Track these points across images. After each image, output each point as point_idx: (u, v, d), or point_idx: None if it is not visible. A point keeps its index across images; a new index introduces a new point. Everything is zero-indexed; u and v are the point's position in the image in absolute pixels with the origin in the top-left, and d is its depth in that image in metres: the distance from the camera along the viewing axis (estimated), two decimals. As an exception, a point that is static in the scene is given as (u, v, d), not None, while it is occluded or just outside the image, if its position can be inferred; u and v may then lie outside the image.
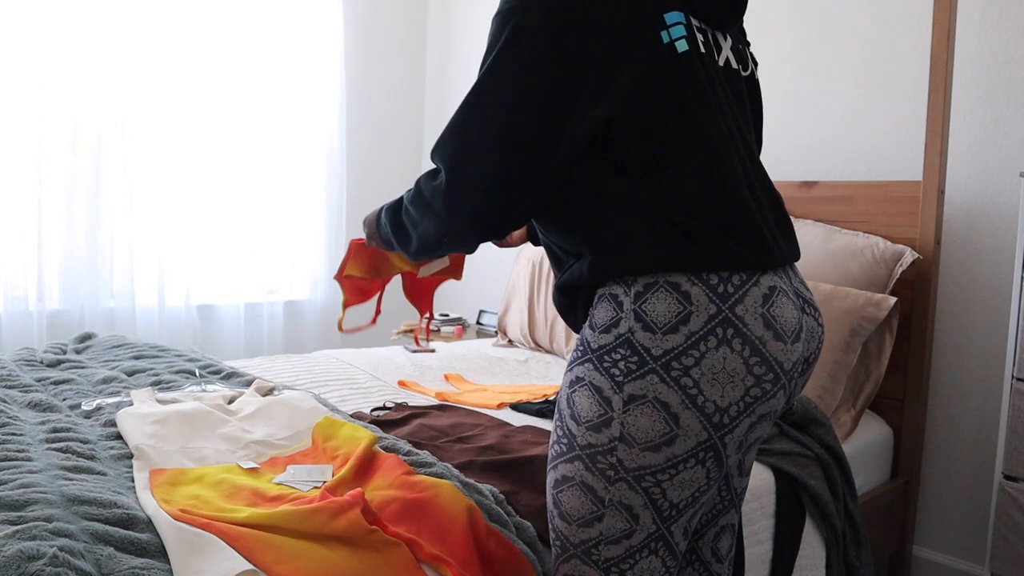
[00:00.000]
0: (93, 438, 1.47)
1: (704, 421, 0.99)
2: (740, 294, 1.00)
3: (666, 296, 0.99)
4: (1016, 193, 2.13)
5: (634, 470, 1.02)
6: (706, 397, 0.99)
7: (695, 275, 0.99)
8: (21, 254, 2.82)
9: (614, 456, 1.02)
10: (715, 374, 0.98)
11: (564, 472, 1.08)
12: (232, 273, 3.33)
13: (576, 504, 1.06)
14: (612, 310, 1.03)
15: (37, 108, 2.77)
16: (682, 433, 1.00)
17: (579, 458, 1.05)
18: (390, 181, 3.92)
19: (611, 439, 1.02)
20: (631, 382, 1.00)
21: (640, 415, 1.00)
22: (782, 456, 1.75)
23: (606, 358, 1.02)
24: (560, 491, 1.09)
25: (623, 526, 1.05)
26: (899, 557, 2.28)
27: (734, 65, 1.13)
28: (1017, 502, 1.88)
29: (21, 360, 2.08)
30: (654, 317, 0.99)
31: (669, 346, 0.98)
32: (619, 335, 1.01)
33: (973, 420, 2.25)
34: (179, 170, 3.11)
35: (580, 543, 1.07)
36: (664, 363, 0.99)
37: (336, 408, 1.71)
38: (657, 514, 1.05)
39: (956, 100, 2.22)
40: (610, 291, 1.04)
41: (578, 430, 1.05)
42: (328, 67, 3.50)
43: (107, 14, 2.89)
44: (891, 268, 2.17)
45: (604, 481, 1.04)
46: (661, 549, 1.07)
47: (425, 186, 1.08)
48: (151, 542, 1.07)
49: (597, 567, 1.07)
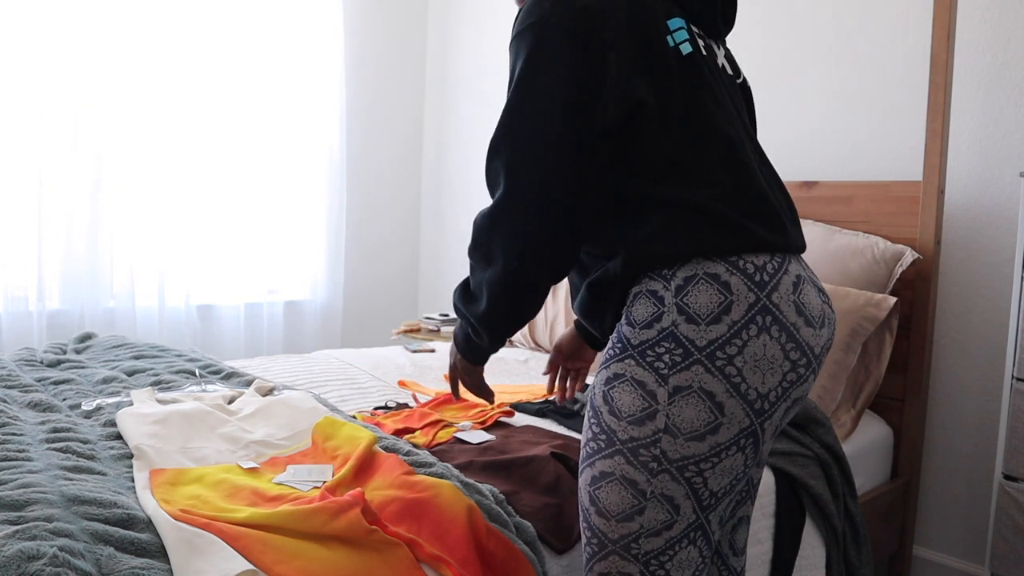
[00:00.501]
0: (93, 438, 1.47)
1: (747, 408, 1.03)
2: (775, 282, 1.03)
3: (707, 287, 1.02)
4: (1016, 193, 2.13)
5: (677, 460, 1.04)
6: (749, 384, 1.02)
7: (732, 265, 1.03)
8: (21, 254, 2.82)
9: (657, 448, 1.04)
10: (756, 361, 1.02)
11: (603, 468, 1.09)
12: (232, 273, 3.33)
13: (616, 499, 1.08)
14: (653, 305, 1.05)
15: (37, 108, 2.77)
16: (726, 421, 1.03)
17: (620, 452, 1.07)
18: (390, 181, 3.92)
19: (655, 431, 1.04)
20: (676, 374, 1.02)
21: (685, 406, 1.02)
22: (782, 456, 1.75)
23: (649, 353, 1.04)
24: (598, 487, 1.09)
25: (664, 517, 1.07)
26: (899, 557, 2.28)
27: (729, 71, 1.20)
28: (1017, 502, 1.88)
29: (21, 360, 2.08)
30: (697, 309, 1.02)
31: (713, 336, 1.01)
32: (662, 329, 1.04)
33: (973, 420, 2.25)
34: (179, 170, 3.12)
35: (620, 538, 1.08)
36: (708, 353, 1.01)
37: (336, 408, 1.71)
38: (698, 503, 1.07)
39: (956, 100, 2.22)
40: (647, 288, 1.06)
41: (619, 425, 1.07)
42: (328, 67, 3.50)
43: (107, 14, 2.89)
44: (891, 268, 2.17)
45: (646, 473, 1.05)
46: (699, 539, 1.09)
47: (480, 222, 1.10)
48: (151, 542, 1.07)
49: (637, 561, 1.08)
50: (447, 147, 3.90)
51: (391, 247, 3.96)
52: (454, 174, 3.87)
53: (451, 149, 3.88)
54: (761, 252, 1.04)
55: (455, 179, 3.87)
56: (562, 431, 1.76)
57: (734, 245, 1.03)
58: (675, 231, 1.04)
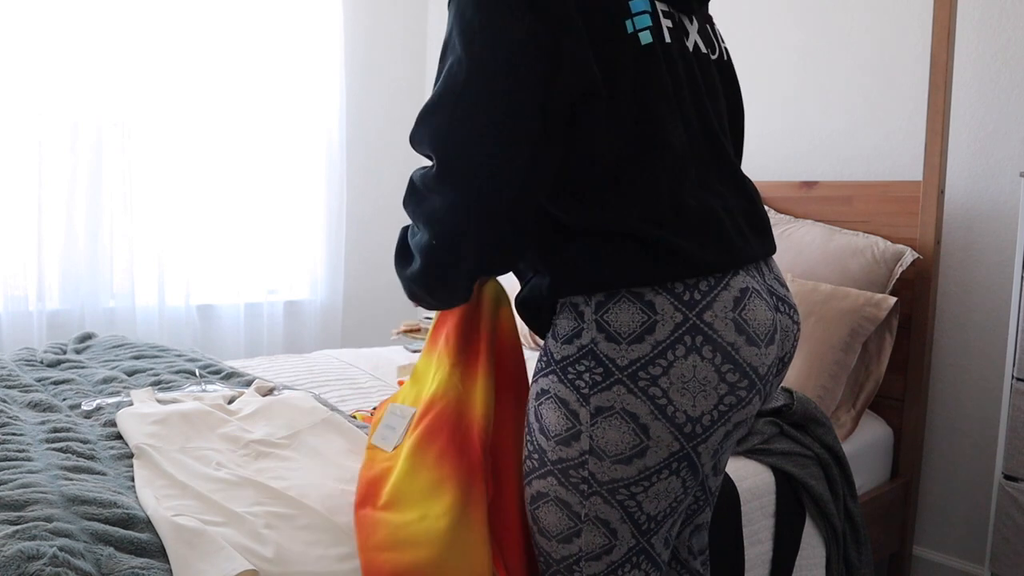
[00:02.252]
0: (93, 438, 1.47)
1: (675, 431, 0.96)
2: (708, 300, 0.95)
3: (629, 306, 0.95)
4: (1016, 193, 2.13)
5: (607, 483, 0.99)
6: (676, 407, 0.95)
7: (659, 284, 0.95)
8: (21, 254, 2.82)
9: (585, 470, 0.99)
10: (685, 383, 0.94)
11: (538, 488, 1.04)
12: (232, 273, 3.33)
13: (553, 520, 1.03)
14: (573, 320, 0.99)
15: (37, 108, 2.77)
16: (653, 444, 0.96)
17: (551, 473, 1.02)
18: (390, 181, 3.92)
19: (581, 452, 0.98)
20: (597, 394, 0.96)
21: (608, 427, 0.96)
22: (782, 456, 1.75)
23: (570, 370, 0.98)
24: (536, 507, 1.05)
25: (602, 541, 1.02)
26: (899, 557, 2.28)
27: (703, 49, 1.07)
28: (1017, 502, 1.88)
29: (21, 360, 2.08)
30: (618, 327, 0.95)
31: (635, 356, 0.94)
32: (582, 346, 0.97)
33: (973, 420, 2.25)
34: (179, 170, 3.11)
35: (562, 559, 1.05)
36: (630, 373, 0.95)
37: (336, 408, 1.71)
38: (635, 528, 1.01)
39: (956, 100, 2.22)
40: (571, 299, 1.00)
41: (548, 444, 1.01)
42: (328, 67, 3.50)
43: (107, 14, 2.89)
44: (891, 268, 2.17)
45: (578, 495, 1.00)
46: (644, 563, 1.04)
47: (419, 180, 1.00)
48: (151, 542, 1.07)
49: None
50: (447, 147, 3.90)
51: (391, 247, 3.96)
52: (454, 174, 3.87)
53: (451, 149, 3.88)
54: (695, 276, 0.95)
55: (455, 179, 3.86)
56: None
57: (664, 273, 0.94)
58: (602, 259, 0.96)
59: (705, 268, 0.95)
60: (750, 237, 1.03)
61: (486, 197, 0.93)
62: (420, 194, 1.00)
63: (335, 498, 1.23)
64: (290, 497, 1.22)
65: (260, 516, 1.16)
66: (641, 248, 0.95)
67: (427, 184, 0.98)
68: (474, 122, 0.92)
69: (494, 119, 0.91)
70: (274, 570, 1.04)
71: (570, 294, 1.00)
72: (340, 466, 1.36)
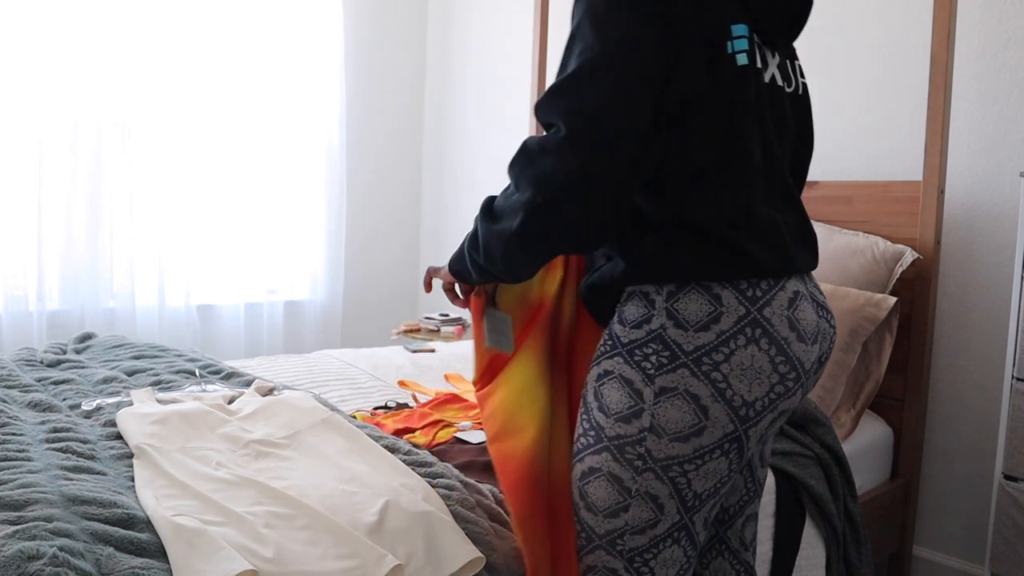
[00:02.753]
0: (93, 438, 1.47)
1: (732, 413, 1.05)
2: (768, 298, 1.05)
3: (698, 297, 1.04)
4: (1016, 193, 2.13)
5: (662, 460, 1.07)
6: (734, 391, 1.04)
7: (727, 280, 1.04)
8: (21, 254, 2.82)
9: (643, 446, 1.07)
10: (743, 370, 1.03)
11: (591, 464, 1.12)
12: (232, 273, 3.33)
13: (603, 495, 1.11)
14: (643, 307, 1.07)
15: (37, 108, 2.77)
16: (710, 425, 1.05)
17: (607, 449, 1.10)
18: (390, 181, 3.92)
19: (641, 430, 1.07)
20: (662, 375, 1.05)
21: (671, 407, 1.05)
22: (782, 456, 1.75)
23: (637, 352, 1.07)
24: (586, 483, 1.12)
25: (648, 516, 1.09)
26: (899, 557, 2.28)
27: (779, 82, 1.16)
28: (1017, 502, 1.88)
29: (21, 360, 2.08)
30: (686, 316, 1.04)
31: (700, 342, 1.04)
32: (651, 331, 1.06)
33: (973, 420, 2.25)
34: (179, 170, 3.12)
35: (605, 534, 1.12)
36: (695, 358, 1.04)
37: (336, 408, 1.71)
38: (681, 504, 1.09)
39: (956, 100, 2.22)
40: (641, 288, 1.09)
41: (606, 422, 1.09)
42: (328, 67, 3.50)
43: (107, 14, 2.89)
44: (891, 268, 2.17)
45: (631, 471, 1.08)
46: (683, 539, 1.12)
47: (538, 142, 1.03)
48: (151, 542, 1.07)
49: (621, 557, 1.11)
50: (447, 147, 3.90)
51: (391, 247, 3.96)
52: (454, 174, 3.87)
53: (451, 149, 3.88)
54: (757, 276, 1.05)
55: (455, 179, 3.87)
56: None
57: (733, 271, 1.04)
58: (678, 253, 1.05)
59: (766, 271, 1.06)
60: (801, 250, 1.13)
61: (605, 168, 0.99)
62: (534, 156, 1.03)
63: (335, 498, 1.23)
64: (290, 497, 1.22)
65: (260, 516, 1.16)
66: (716, 246, 1.04)
67: (546, 147, 1.02)
68: (604, 99, 0.99)
69: (620, 101, 0.99)
70: (274, 570, 1.04)
71: (644, 282, 1.08)
72: (340, 466, 1.36)
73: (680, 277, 1.05)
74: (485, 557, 1.18)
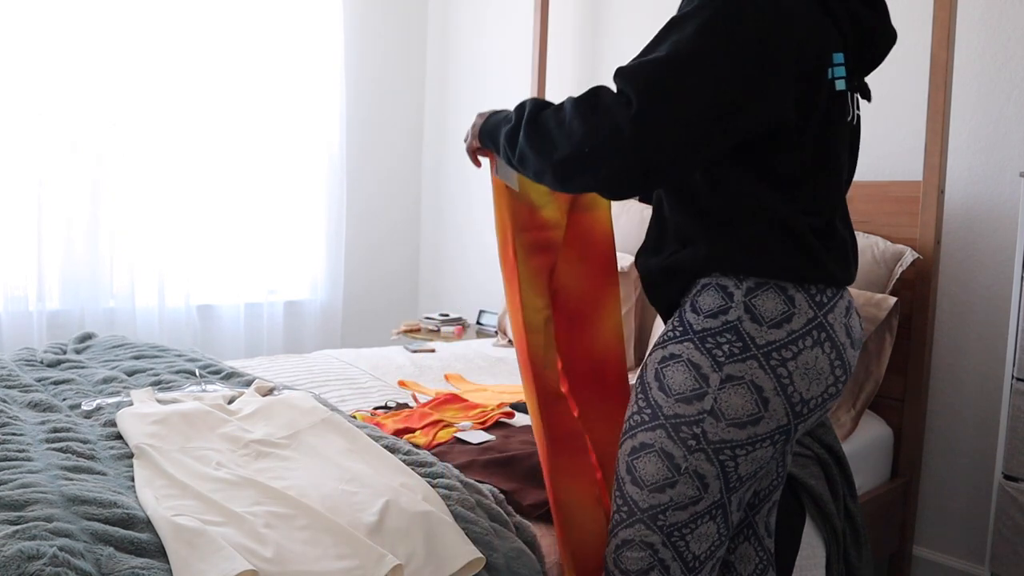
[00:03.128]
0: (93, 438, 1.47)
1: (789, 408, 1.12)
2: (831, 304, 1.14)
3: (774, 296, 1.11)
4: (1016, 193, 2.13)
5: (715, 442, 1.13)
6: (795, 388, 1.11)
7: (799, 284, 1.12)
8: (21, 254, 2.82)
9: (699, 427, 1.13)
10: (807, 370, 1.11)
11: (643, 440, 1.18)
12: (232, 273, 3.33)
13: (652, 470, 1.17)
14: (721, 299, 1.13)
15: (37, 108, 2.77)
16: (767, 416, 1.12)
17: (662, 427, 1.16)
18: (390, 181, 3.92)
19: (700, 411, 1.13)
20: (731, 363, 1.11)
21: (734, 394, 1.11)
22: (782, 456, 1.75)
23: (709, 340, 1.13)
24: (636, 457, 1.19)
25: (693, 493, 1.16)
26: (899, 557, 2.28)
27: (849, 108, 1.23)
28: (1017, 502, 1.88)
29: (21, 360, 2.08)
30: (762, 312, 1.11)
31: (772, 338, 1.11)
32: (727, 322, 1.12)
33: (973, 420, 2.25)
34: (179, 170, 3.12)
35: (649, 508, 1.18)
36: (765, 352, 1.10)
37: (336, 408, 1.71)
38: (725, 484, 1.16)
39: (956, 100, 2.22)
40: (718, 281, 1.14)
41: (666, 401, 1.16)
42: (328, 68, 3.51)
43: (107, 14, 2.89)
44: (891, 268, 2.17)
45: (684, 450, 1.14)
46: (719, 516, 1.18)
47: (610, 100, 1.06)
48: (151, 542, 1.07)
49: (660, 531, 1.17)
50: (447, 147, 3.90)
51: (391, 247, 3.96)
52: (454, 174, 3.87)
53: (451, 149, 3.88)
54: (826, 285, 1.14)
55: (455, 179, 3.87)
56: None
57: (809, 276, 1.12)
58: (767, 248, 1.10)
59: (834, 280, 1.14)
60: (853, 264, 1.22)
61: (654, 151, 1.03)
62: (600, 108, 1.05)
63: (335, 498, 1.23)
64: (290, 497, 1.22)
65: (260, 516, 1.16)
66: (800, 250, 1.11)
67: (612, 109, 1.04)
68: (684, 88, 1.02)
69: (698, 99, 1.03)
70: (274, 570, 1.04)
71: (725, 272, 1.14)
72: (340, 466, 1.36)
73: (763, 273, 1.11)
74: (485, 557, 1.18)
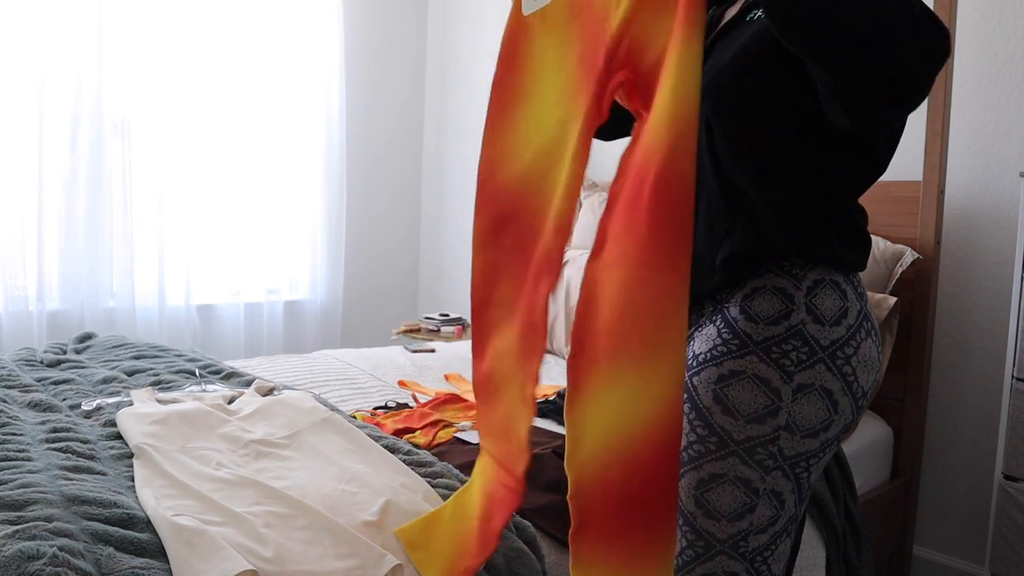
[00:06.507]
0: (93, 438, 1.47)
1: (854, 404, 1.08)
2: (866, 293, 1.13)
3: (831, 292, 1.07)
4: (1016, 193, 2.13)
5: (791, 457, 1.07)
6: (859, 383, 1.08)
7: (847, 276, 1.09)
8: (21, 254, 2.82)
9: (775, 445, 1.06)
10: (866, 362, 1.08)
11: (712, 471, 1.08)
12: (232, 273, 3.33)
13: (728, 500, 1.08)
14: (780, 302, 1.07)
15: (37, 108, 2.77)
16: (838, 418, 1.07)
17: (734, 454, 1.07)
18: (390, 181, 3.93)
19: (775, 428, 1.05)
20: (801, 371, 1.05)
21: (807, 403, 1.05)
22: (782, 456, 1.75)
23: (775, 349, 1.05)
24: (707, 490, 1.09)
25: (771, 513, 1.09)
26: (899, 557, 2.28)
27: None
28: (1017, 502, 1.88)
29: (21, 360, 2.08)
30: (823, 310, 1.06)
31: (834, 337, 1.06)
32: (790, 327, 1.05)
33: (973, 420, 2.25)
34: (179, 170, 3.12)
35: (728, 538, 1.09)
36: (831, 353, 1.05)
37: (336, 408, 1.71)
38: (799, 497, 1.11)
39: (956, 100, 2.22)
40: (773, 284, 1.07)
41: (734, 425, 1.06)
42: (328, 67, 3.50)
43: (107, 13, 2.89)
44: (891, 268, 2.17)
45: (760, 471, 1.07)
46: (792, 530, 1.12)
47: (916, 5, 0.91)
48: (151, 542, 1.07)
49: (743, 559, 1.09)
50: (447, 147, 3.90)
51: (391, 247, 3.96)
52: (454, 174, 3.87)
53: (451, 149, 3.88)
54: (859, 272, 1.13)
55: (455, 179, 3.87)
56: (562, 431, 1.76)
57: (857, 265, 1.10)
58: (833, 236, 1.07)
59: (864, 266, 1.13)
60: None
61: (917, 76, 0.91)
62: (904, 7, 0.90)
63: (335, 498, 1.23)
64: (290, 497, 1.22)
65: (260, 516, 1.16)
66: (849, 237, 1.09)
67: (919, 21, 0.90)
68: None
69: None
70: (274, 570, 1.04)
71: (793, 255, 1.07)
72: (340, 466, 1.37)
73: (829, 263, 1.07)
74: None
